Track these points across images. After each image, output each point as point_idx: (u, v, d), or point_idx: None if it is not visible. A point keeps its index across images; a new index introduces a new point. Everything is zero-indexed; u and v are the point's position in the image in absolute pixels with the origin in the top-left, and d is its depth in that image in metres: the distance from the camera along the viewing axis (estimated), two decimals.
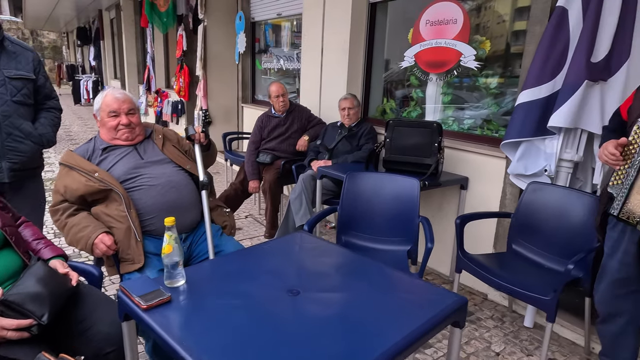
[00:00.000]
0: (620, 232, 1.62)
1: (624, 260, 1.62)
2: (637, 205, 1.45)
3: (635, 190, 1.45)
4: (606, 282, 1.69)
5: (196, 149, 2.01)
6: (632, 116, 1.58)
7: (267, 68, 5.33)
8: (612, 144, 1.54)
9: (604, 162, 1.59)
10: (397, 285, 1.31)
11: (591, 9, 2.05)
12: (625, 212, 1.49)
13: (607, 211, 1.65)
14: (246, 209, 4.19)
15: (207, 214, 1.91)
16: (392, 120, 2.73)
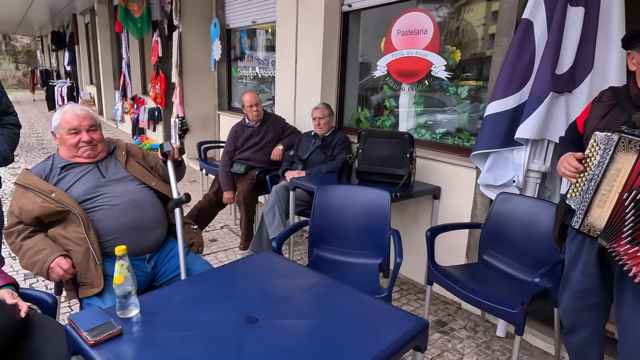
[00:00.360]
0: (580, 243, 1.62)
1: (585, 272, 1.62)
2: (597, 218, 1.45)
3: (595, 204, 1.45)
4: (569, 294, 1.69)
5: (169, 165, 1.96)
6: (588, 129, 1.59)
7: (243, 75, 5.28)
8: (572, 157, 1.53)
9: (562, 174, 1.58)
10: (361, 309, 1.29)
11: (555, 21, 2.08)
12: (586, 226, 1.48)
13: (564, 222, 1.65)
14: (222, 219, 4.13)
15: (180, 232, 1.86)
16: (364, 131, 2.73)
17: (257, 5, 4.58)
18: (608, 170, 1.40)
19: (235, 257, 3.33)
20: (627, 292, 1.51)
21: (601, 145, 1.44)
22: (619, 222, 1.39)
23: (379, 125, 3.42)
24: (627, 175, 1.35)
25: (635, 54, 1.46)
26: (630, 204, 1.35)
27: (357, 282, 2.09)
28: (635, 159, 1.33)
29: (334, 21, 3.48)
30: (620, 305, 1.55)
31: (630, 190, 1.35)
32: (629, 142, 1.35)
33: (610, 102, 1.56)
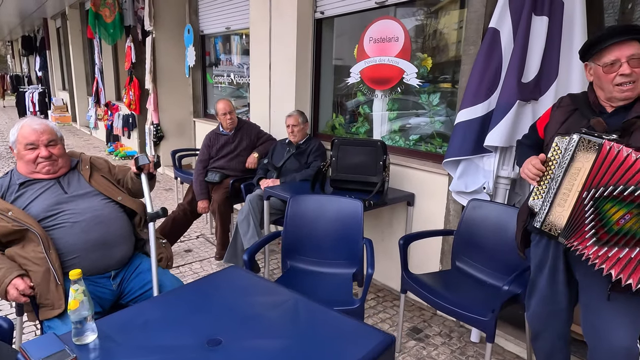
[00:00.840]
0: (545, 248, 1.64)
1: (551, 277, 1.64)
2: (558, 217, 1.47)
3: (556, 202, 1.47)
4: (536, 300, 1.71)
5: (143, 179, 1.90)
6: (549, 134, 1.62)
7: (218, 82, 5.22)
8: (536, 159, 1.55)
9: (524, 177, 1.60)
10: (328, 326, 1.27)
11: (520, 31, 2.11)
12: (547, 225, 1.50)
13: (526, 227, 1.67)
14: (198, 228, 4.07)
15: (153, 247, 1.81)
16: (337, 139, 2.72)
17: (231, 11, 4.54)
18: (569, 170, 1.43)
19: (211, 267, 3.28)
20: (592, 297, 1.53)
21: (562, 147, 1.48)
22: (579, 220, 1.41)
23: (354, 132, 3.42)
24: (587, 174, 1.38)
25: (591, 64, 1.51)
26: (590, 202, 1.38)
27: (331, 292, 2.08)
28: (595, 158, 1.36)
29: (307, 28, 3.47)
30: (586, 312, 1.57)
31: (589, 189, 1.38)
32: (588, 142, 1.39)
33: (569, 108, 1.61)
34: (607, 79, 1.44)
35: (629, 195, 1.30)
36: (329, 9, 3.35)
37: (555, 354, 1.76)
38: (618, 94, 1.44)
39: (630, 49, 1.39)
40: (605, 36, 1.43)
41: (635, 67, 1.39)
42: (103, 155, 7.44)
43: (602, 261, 1.37)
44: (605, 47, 1.42)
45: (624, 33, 1.40)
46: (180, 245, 3.66)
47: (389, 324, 2.59)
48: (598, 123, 1.46)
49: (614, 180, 1.33)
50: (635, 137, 1.40)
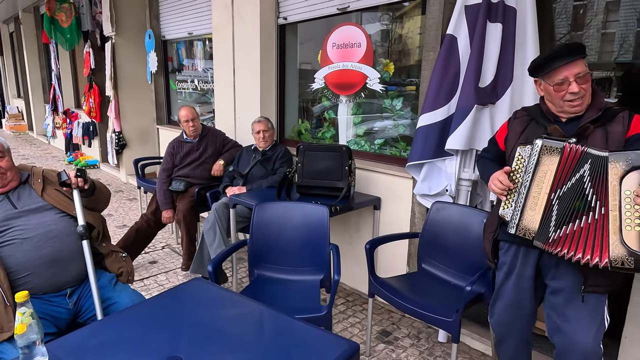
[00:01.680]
0: (514, 256, 1.66)
1: (519, 284, 1.66)
2: (530, 221, 1.51)
3: (527, 207, 1.51)
4: (502, 306, 1.74)
5: (75, 194, 1.78)
6: (510, 145, 1.68)
7: (182, 88, 5.12)
8: (503, 174, 1.59)
9: (493, 191, 1.63)
10: (292, 336, 1.25)
11: (476, 37, 2.18)
12: (521, 229, 1.53)
13: (496, 237, 1.70)
14: (163, 238, 3.96)
15: (90, 268, 1.73)
16: (303, 145, 2.72)
17: (193, 16, 4.47)
18: (536, 174, 1.50)
19: (177, 278, 3.20)
20: (560, 301, 1.57)
21: (525, 156, 1.54)
22: (549, 220, 1.47)
23: (320, 137, 3.43)
24: (553, 175, 1.46)
25: (541, 81, 1.59)
26: (556, 201, 1.45)
27: (299, 300, 2.06)
28: (559, 159, 1.44)
29: (270, 34, 3.46)
30: (551, 313, 1.62)
31: (555, 190, 1.45)
32: (551, 145, 1.47)
33: (526, 119, 1.68)
34: (558, 96, 1.51)
35: (576, 181, 1.40)
36: (292, 15, 3.35)
37: (519, 356, 1.80)
38: (569, 109, 1.52)
39: (576, 67, 1.47)
40: (552, 58, 1.50)
41: (582, 84, 1.47)
42: (62, 165, 7.14)
43: (557, 247, 1.44)
44: (554, 68, 1.49)
45: (570, 54, 1.47)
46: (144, 257, 3.55)
47: (358, 328, 2.60)
48: (555, 130, 1.52)
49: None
50: (592, 141, 1.47)
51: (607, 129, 1.48)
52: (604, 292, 1.52)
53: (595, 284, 1.49)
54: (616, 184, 1.33)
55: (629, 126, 1.46)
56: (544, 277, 1.64)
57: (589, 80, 1.49)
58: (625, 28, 2.37)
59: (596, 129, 1.49)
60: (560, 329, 1.58)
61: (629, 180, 1.31)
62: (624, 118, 1.48)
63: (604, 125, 1.49)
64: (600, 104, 1.52)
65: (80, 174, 1.77)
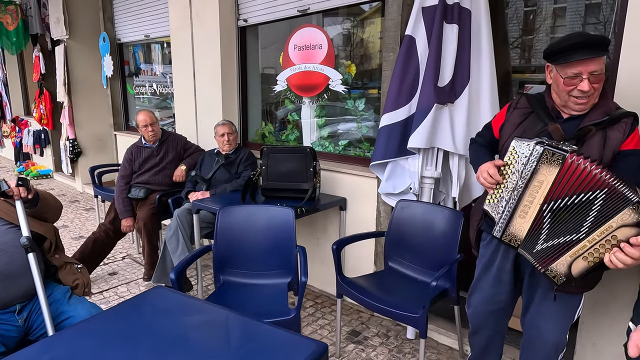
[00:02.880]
0: (495, 249, 1.67)
1: (498, 277, 1.68)
2: (518, 229, 1.47)
3: (517, 214, 1.47)
4: (479, 298, 1.76)
5: (17, 205, 1.65)
6: (505, 136, 1.61)
7: (140, 92, 4.96)
8: (492, 166, 1.53)
9: (481, 183, 1.58)
10: (259, 340, 1.22)
11: (434, 37, 2.22)
12: (507, 236, 1.50)
13: (480, 227, 1.70)
14: (123, 248, 3.80)
15: (38, 281, 1.62)
16: (266, 147, 2.68)
17: (150, 18, 4.34)
18: (531, 182, 1.42)
19: (139, 289, 3.07)
20: (537, 294, 1.62)
21: (520, 153, 1.45)
22: (538, 231, 1.42)
23: (284, 140, 3.40)
24: (549, 187, 1.37)
25: (552, 68, 1.48)
26: (548, 213, 1.39)
27: (266, 304, 2.03)
28: (557, 172, 1.35)
29: (230, 36, 3.41)
30: (528, 305, 1.66)
31: (549, 202, 1.38)
32: (552, 154, 1.36)
33: (526, 110, 1.59)
34: (565, 89, 1.42)
35: (580, 202, 1.33)
36: (252, 17, 3.31)
37: (491, 347, 1.84)
38: (572, 105, 1.45)
39: (593, 65, 1.36)
40: (572, 48, 1.38)
41: (595, 82, 1.38)
42: (11, 175, 6.74)
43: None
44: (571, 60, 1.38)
45: (591, 49, 1.36)
46: (104, 269, 3.40)
47: (328, 329, 2.58)
48: (556, 130, 1.45)
49: (570, 191, 1.34)
50: (588, 146, 1.42)
51: (606, 133, 1.41)
52: (576, 294, 1.55)
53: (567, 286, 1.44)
54: (614, 226, 1.26)
55: (627, 135, 1.40)
56: (523, 272, 1.65)
57: (602, 80, 1.40)
58: (571, 32, 2.49)
59: (597, 132, 1.42)
60: (534, 321, 1.62)
61: (625, 230, 1.25)
62: (626, 125, 1.41)
63: (604, 129, 1.42)
64: (609, 107, 1.44)
65: (21, 183, 1.65)
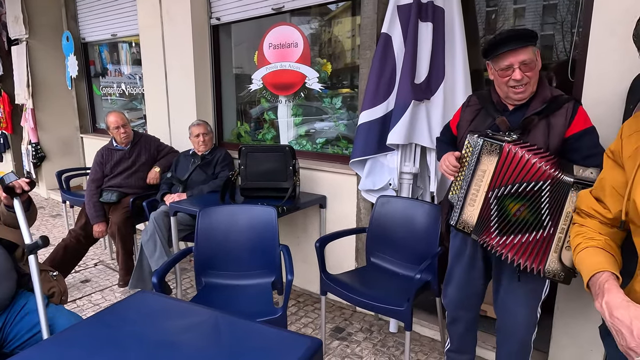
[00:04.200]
0: (463, 238, 1.76)
1: (469, 264, 1.77)
2: (469, 216, 1.58)
3: (467, 202, 1.58)
4: (454, 287, 1.84)
5: (16, 203, 1.58)
6: (461, 132, 1.73)
7: (107, 93, 4.80)
8: (452, 156, 1.64)
9: (443, 172, 1.70)
10: (252, 340, 1.21)
11: (409, 36, 2.26)
12: (461, 223, 1.61)
13: (448, 220, 1.77)
14: (95, 255, 3.68)
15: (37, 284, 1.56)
16: (244, 147, 2.66)
17: (116, 16, 4.21)
18: (476, 172, 1.54)
19: (115, 296, 2.98)
20: (504, 277, 1.70)
21: (472, 145, 1.58)
22: (486, 218, 1.54)
23: (260, 139, 3.38)
24: (491, 175, 1.49)
25: (490, 64, 1.58)
26: (494, 200, 1.50)
27: (251, 304, 2.01)
28: (497, 161, 1.47)
29: (203, 34, 3.35)
30: (497, 288, 1.74)
31: (493, 189, 1.50)
32: (490, 145, 1.49)
33: (476, 107, 1.72)
34: (502, 81, 1.53)
35: (524, 191, 1.44)
36: (225, 15, 3.27)
37: (467, 333, 1.92)
38: (512, 95, 1.54)
39: (522, 54, 1.46)
40: (500, 42, 1.48)
41: (527, 71, 1.47)
42: None
43: (503, 249, 1.52)
44: (500, 53, 1.48)
45: (516, 41, 1.46)
46: (75, 276, 3.27)
47: (311, 327, 2.59)
48: (502, 122, 1.57)
49: (512, 179, 1.45)
50: (534, 135, 1.52)
51: (550, 120, 1.50)
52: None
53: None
54: (571, 211, 1.36)
55: (571, 120, 1.48)
56: (491, 257, 1.74)
57: (534, 69, 1.49)
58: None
59: (540, 121, 1.51)
60: (506, 304, 1.70)
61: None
62: (568, 110, 1.49)
63: (547, 117, 1.51)
64: (546, 95, 1.53)
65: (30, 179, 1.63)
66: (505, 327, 1.74)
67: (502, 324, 1.76)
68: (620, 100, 1.66)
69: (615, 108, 1.69)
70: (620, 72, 1.69)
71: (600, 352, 1.91)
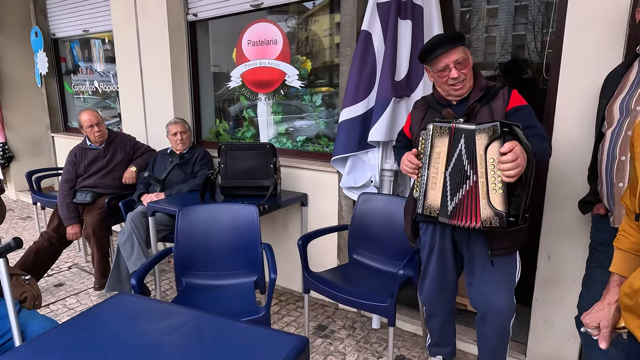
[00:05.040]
0: (432, 233, 1.80)
1: (441, 258, 1.81)
2: (433, 199, 1.63)
3: (429, 187, 1.63)
4: (429, 282, 1.87)
5: None
6: (414, 132, 1.81)
7: (80, 91, 4.65)
8: (410, 154, 1.70)
9: (405, 172, 1.74)
10: (237, 340, 1.19)
11: (389, 33, 2.27)
12: (427, 208, 1.65)
13: (414, 219, 1.82)
14: (69, 258, 3.56)
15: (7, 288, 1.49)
16: (224, 145, 2.62)
17: (88, 11, 4.08)
18: (432, 156, 1.61)
19: (90, 300, 2.89)
20: (476, 267, 1.73)
21: (423, 139, 1.65)
22: (445, 195, 1.58)
23: (240, 137, 3.34)
24: (446, 155, 1.57)
25: (429, 68, 1.70)
26: (449, 176, 1.57)
27: (233, 305, 1.98)
28: (449, 140, 1.56)
29: (179, 31, 3.29)
30: (471, 281, 1.77)
31: (447, 167, 1.57)
32: (440, 128, 1.58)
33: (424, 107, 1.82)
34: (442, 81, 1.66)
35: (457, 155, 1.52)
36: (202, 11, 3.22)
37: (446, 326, 1.96)
38: (453, 92, 1.67)
39: (454, 54, 1.60)
40: (432, 48, 1.62)
41: (462, 69, 1.61)
42: None
43: (456, 219, 1.55)
44: (435, 56, 1.61)
45: (447, 43, 1.60)
46: (48, 280, 3.16)
47: (294, 326, 2.57)
48: (448, 113, 1.66)
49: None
50: (480, 118, 1.62)
51: (491, 105, 1.63)
52: (509, 254, 1.68)
53: (499, 248, 1.64)
54: (482, 153, 1.45)
55: (508, 100, 1.62)
56: (460, 248, 1.78)
57: (467, 66, 1.63)
58: (504, 31, 2.65)
59: (482, 107, 1.63)
60: (481, 293, 1.73)
61: (492, 149, 1.43)
62: (504, 93, 1.63)
63: (488, 103, 1.63)
64: (482, 84, 1.67)
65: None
66: (483, 316, 1.77)
67: (481, 316, 1.78)
68: (594, 96, 1.71)
69: (590, 103, 1.74)
70: (594, 68, 1.74)
71: (576, 342, 1.97)
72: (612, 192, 1.45)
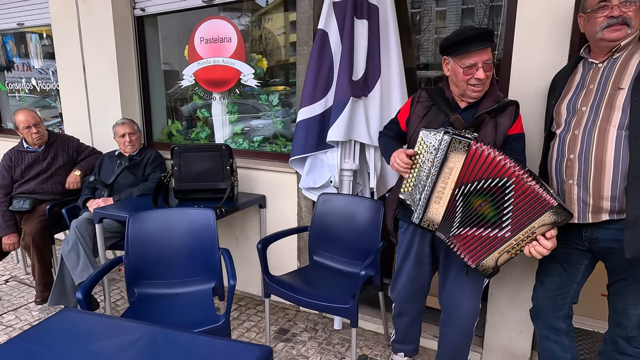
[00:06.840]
0: (412, 235, 1.80)
1: (417, 260, 1.81)
2: (435, 214, 1.58)
3: (432, 200, 1.58)
4: (403, 282, 1.87)
5: None
6: (412, 127, 1.73)
7: (15, 89, 4.30)
8: (403, 153, 1.62)
9: (396, 170, 1.68)
10: (198, 354, 1.13)
11: (346, 33, 2.26)
12: (425, 221, 1.61)
13: (396, 216, 1.81)
14: (5, 270, 3.28)
15: None
16: (177, 147, 2.50)
17: (22, 3, 3.77)
18: (442, 169, 1.53)
19: (31, 315, 2.67)
20: (451, 272, 1.75)
21: (428, 142, 1.57)
22: (451, 214, 1.55)
23: (194, 138, 3.21)
24: (458, 173, 1.50)
25: (450, 61, 1.60)
26: (460, 197, 1.52)
27: (191, 314, 1.89)
28: (464, 158, 1.48)
29: (126, 26, 3.11)
30: (443, 283, 1.79)
31: (459, 186, 1.51)
32: (459, 142, 1.49)
33: (427, 103, 1.72)
34: (464, 79, 1.55)
35: (488, 187, 1.46)
36: (150, 6, 3.06)
37: (413, 324, 1.98)
38: (470, 93, 1.58)
39: (486, 54, 1.52)
40: (468, 40, 1.50)
41: (487, 71, 1.53)
42: None
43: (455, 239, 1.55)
44: (467, 51, 1.51)
45: (484, 40, 1.50)
46: None
47: (255, 331, 2.51)
48: (457, 120, 1.59)
49: (478, 176, 1.47)
50: (485, 132, 1.58)
51: (497, 120, 1.59)
52: None
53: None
54: (537, 226, 1.40)
55: (514, 121, 1.59)
56: (438, 251, 1.79)
57: (492, 69, 1.56)
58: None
59: (489, 120, 1.59)
60: (453, 297, 1.76)
61: (543, 227, 1.40)
62: (512, 112, 1.59)
63: (495, 117, 1.59)
64: (497, 95, 1.61)
65: None
66: (450, 318, 1.81)
67: (447, 316, 1.82)
68: (542, 96, 1.78)
69: (538, 103, 1.81)
70: (543, 69, 1.81)
71: (529, 333, 2.05)
72: (562, 188, 1.51)
